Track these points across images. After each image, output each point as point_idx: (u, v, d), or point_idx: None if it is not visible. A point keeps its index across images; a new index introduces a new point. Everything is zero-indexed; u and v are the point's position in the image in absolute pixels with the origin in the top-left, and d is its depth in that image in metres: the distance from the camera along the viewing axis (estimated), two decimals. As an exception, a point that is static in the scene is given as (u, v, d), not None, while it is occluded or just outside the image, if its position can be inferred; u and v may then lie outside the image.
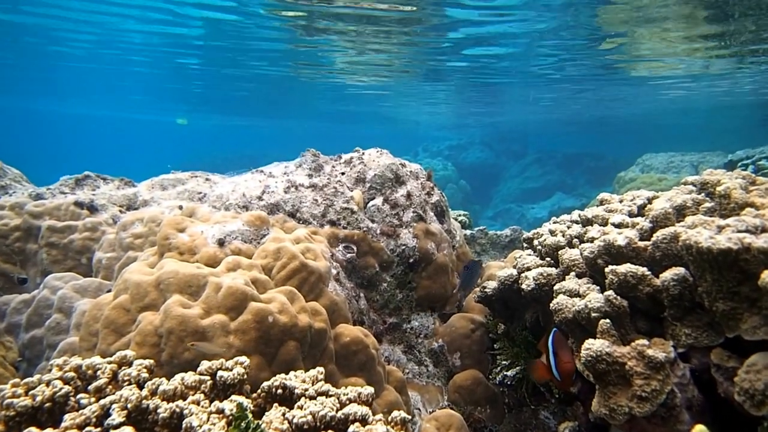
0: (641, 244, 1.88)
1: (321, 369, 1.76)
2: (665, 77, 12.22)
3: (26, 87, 18.27)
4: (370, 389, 1.67)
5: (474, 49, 9.09)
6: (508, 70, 11.19)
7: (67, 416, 1.38)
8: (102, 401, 1.45)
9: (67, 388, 1.48)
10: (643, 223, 2.01)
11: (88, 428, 1.37)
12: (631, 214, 2.22)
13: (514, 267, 2.46)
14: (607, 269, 1.84)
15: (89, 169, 3.42)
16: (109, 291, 2.23)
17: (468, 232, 4.78)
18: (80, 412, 1.40)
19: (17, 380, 1.49)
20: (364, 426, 1.49)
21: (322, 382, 1.69)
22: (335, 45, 9.29)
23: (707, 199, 2.04)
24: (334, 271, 2.40)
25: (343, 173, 2.91)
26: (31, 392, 1.46)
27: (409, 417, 1.66)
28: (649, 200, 2.25)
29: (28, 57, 12.11)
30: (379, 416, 1.57)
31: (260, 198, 2.63)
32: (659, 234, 1.80)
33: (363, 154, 3.05)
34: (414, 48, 9.28)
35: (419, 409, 2.34)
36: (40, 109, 33.93)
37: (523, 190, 19.25)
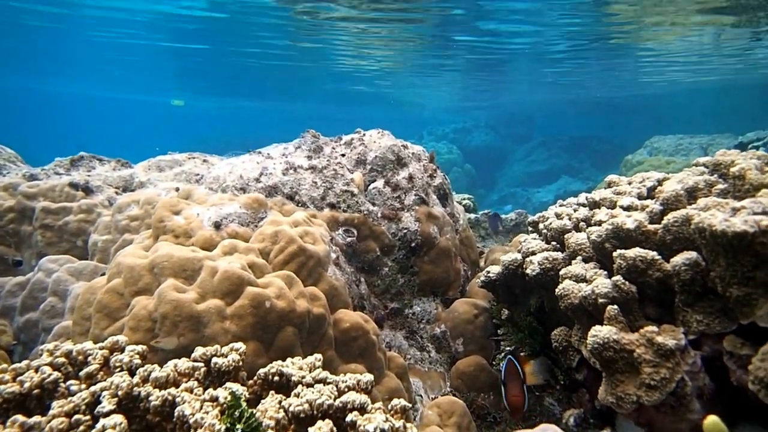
0: (651, 227, 1.81)
1: (319, 356, 1.71)
2: (673, 53, 11.95)
3: (23, 65, 18.11)
4: (369, 376, 1.62)
5: (483, 22, 8.87)
6: (517, 44, 10.95)
7: (55, 403, 1.34)
8: (92, 388, 1.41)
9: (56, 374, 1.44)
10: (653, 205, 1.93)
11: (77, 416, 1.32)
12: (640, 197, 2.14)
13: (519, 251, 2.40)
14: (615, 253, 1.77)
15: (89, 151, 3.36)
16: (104, 274, 2.18)
17: (472, 215, 4.71)
18: (69, 399, 1.36)
19: (5, 366, 1.45)
20: (362, 414, 1.44)
21: (320, 369, 1.64)
22: (339, 20, 9.09)
23: (720, 180, 1.96)
24: (333, 256, 2.34)
25: (343, 155, 2.83)
26: (19, 378, 1.42)
27: (410, 405, 1.61)
28: (659, 182, 2.17)
29: (27, 35, 12.00)
30: (379, 404, 1.52)
31: (258, 180, 2.56)
32: (670, 217, 1.73)
33: (364, 135, 2.97)
34: (419, 21, 9.07)
35: (421, 396, 2.30)
36: (37, 88, 33.73)
37: (529, 174, 19.12)
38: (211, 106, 37.88)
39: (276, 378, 1.60)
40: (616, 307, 1.67)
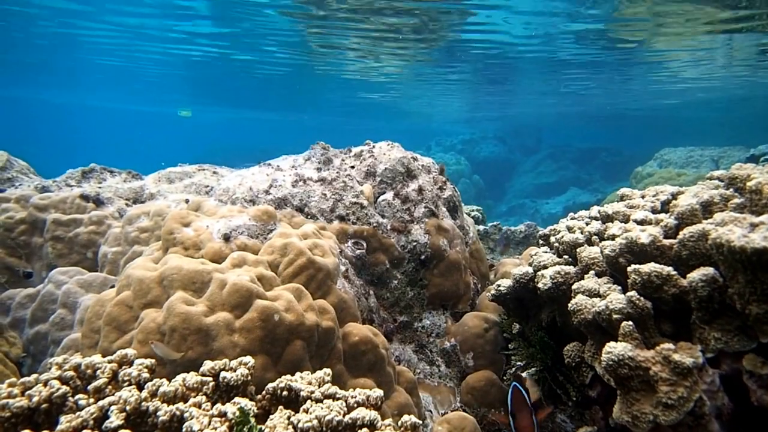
0: (666, 242, 1.78)
1: (328, 370, 1.69)
2: (684, 65, 11.91)
3: (34, 77, 18.37)
4: (379, 392, 1.60)
5: (487, 35, 8.90)
6: (525, 56, 10.97)
7: (63, 418, 1.33)
8: (100, 403, 1.40)
9: (64, 388, 1.43)
10: (668, 220, 1.90)
11: (85, 431, 1.31)
12: (654, 211, 2.11)
13: (530, 265, 2.37)
14: (629, 268, 1.74)
15: (101, 162, 3.38)
16: (113, 286, 2.18)
17: (481, 227, 4.68)
18: (77, 414, 1.35)
19: (14, 379, 1.44)
20: (372, 431, 1.42)
21: (329, 384, 1.62)
22: (348, 33, 9.17)
23: (736, 194, 1.92)
24: (342, 268, 2.33)
25: (352, 167, 2.83)
26: (27, 392, 1.41)
27: (420, 421, 1.58)
28: (674, 196, 2.14)
29: (39, 47, 12.20)
30: (389, 421, 1.50)
31: (267, 192, 2.56)
32: (686, 231, 1.70)
33: (373, 147, 2.97)
34: (429, 34, 9.14)
35: (431, 411, 2.27)
36: (50, 100, 34.22)
37: (537, 185, 19.06)
38: (221, 117, 38.21)
39: (285, 393, 1.58)
40: (631, 323, 1.64)
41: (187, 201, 2.67)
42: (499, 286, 2.47)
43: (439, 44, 9.05)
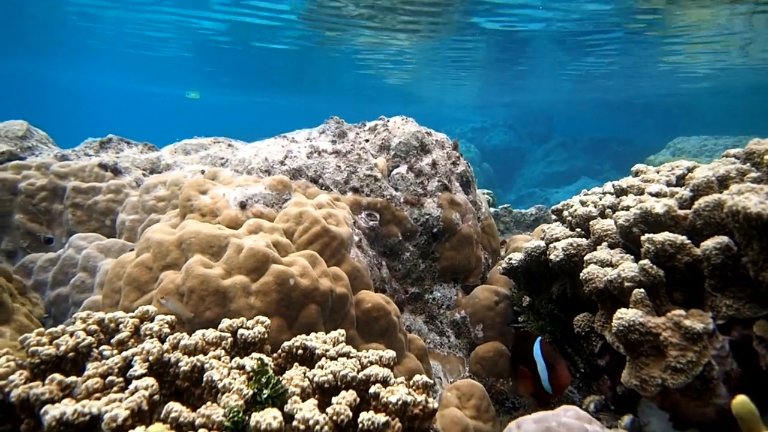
0: (681, 212, 1.78)
1: (342, 331, 1.72)
2: (701, 50, 11.72)
3: (53, 53, 18.43)
4: (391, 353, 1.63)
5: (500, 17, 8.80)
6: (539, 39, 10.84)
7: (90, 365, 1.38)
8: (124, 353, 1.44)
9: (90, 339, 1.48)
10: (683, 192, 1.91)
11: (110, 377, 1.36)
12: (669, 184, 2.11)
13: (542, 239, 2.39)
14: (643, 237, 1.76)
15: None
16: (132, 250, 2.23)
17: (492, 209, 4.69)
18: (103, 362, 1.40)
19: (41, 329, 1.49)
20: (385, 387, 1.46)
21: (343, 344, 1.65)
22: (358, 15, 9.12)
23: (753, 169, 1.92)
24: (356, 238, 2.36)
25: (367, 140, 2.85)
26: (55, 342, 1.46)
27: (432, 382, 1.62)
28: (689, 170, 2.14)
29: (59, 26, 12.26)
30: (401, 379, 1.53)
31: (282, 163, 2.59)
32: (702, 201, 1.71)
33: (388, 121, 2.98)
34: (439, 15, 9.06)
35: (440, 378, 2.31)
36: (65, 78, 34.39)
37: (547, 175, 18.94)
38: (231, 100, 38.20)
39: (300, 351, 1.61)
40: (642, 290, 1.65)
41: (202, 172, 2.70)
42: (510, 259, 2.50)
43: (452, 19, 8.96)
